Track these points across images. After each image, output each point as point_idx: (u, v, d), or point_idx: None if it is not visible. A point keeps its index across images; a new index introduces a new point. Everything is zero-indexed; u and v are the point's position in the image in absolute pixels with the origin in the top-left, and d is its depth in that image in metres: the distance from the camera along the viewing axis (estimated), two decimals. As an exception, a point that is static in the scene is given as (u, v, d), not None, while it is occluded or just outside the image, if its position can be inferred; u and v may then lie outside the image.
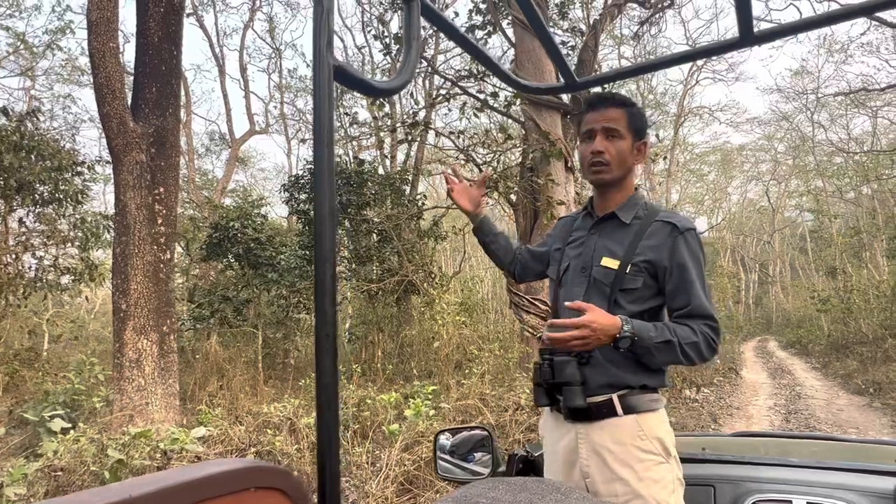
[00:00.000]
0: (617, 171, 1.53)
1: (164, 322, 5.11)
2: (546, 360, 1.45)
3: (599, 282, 1.50)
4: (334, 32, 0.90)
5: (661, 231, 1.48)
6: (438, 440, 1.75)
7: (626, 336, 1.35)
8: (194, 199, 15.26)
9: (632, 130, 1.54)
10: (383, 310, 10.52)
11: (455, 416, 5.20)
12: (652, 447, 1.40)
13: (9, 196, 6.01)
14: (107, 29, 5.06)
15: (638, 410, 1.42)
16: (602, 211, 1.59)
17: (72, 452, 2.94)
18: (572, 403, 1.39)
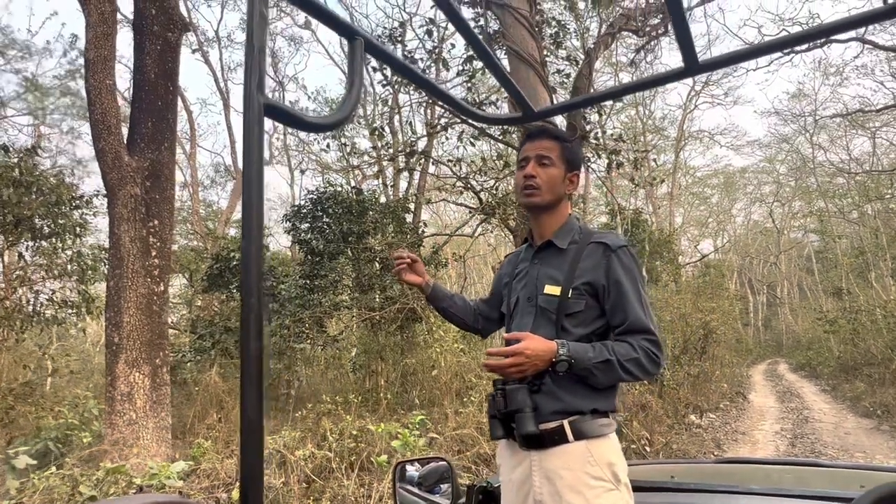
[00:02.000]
0: (547, 195, 1.58)
1: (157, 355, 5.06)
2: (499, 389, 1.45)
3: (545, 309, 1.51)
4: (266, 72, 0.91)
5: (595, 252, 1.52)
6: (401, 471, 1.69)
7: (563, 359, 1.37)
8: (198, 230, 15.36)
9: (564, 161, 1.60)
10: (386, 338, 10.43)
11: (451, 445, 5.09)
12: (601, 474, 1.39)
13: (7, 231, 6.07)
14: (103, 67, 5.16)
15: (588, 436, 1.42)
16: (540, 239, 1.63)
17: (41, 491, 2.88)
18: (524, 430, 1.38)
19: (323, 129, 1.10)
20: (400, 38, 9.96)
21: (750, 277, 36.53)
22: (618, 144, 10.10)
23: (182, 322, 12.81)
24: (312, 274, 10.08)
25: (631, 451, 5.67)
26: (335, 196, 10.37)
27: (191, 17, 17.02)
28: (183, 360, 9.86)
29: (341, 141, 12.01)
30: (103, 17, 5.30)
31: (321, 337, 10.28)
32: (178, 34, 5.59)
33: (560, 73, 9.88)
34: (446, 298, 1.86)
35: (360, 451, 4.89)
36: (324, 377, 11.00)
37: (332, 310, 10.48)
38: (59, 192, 6.20)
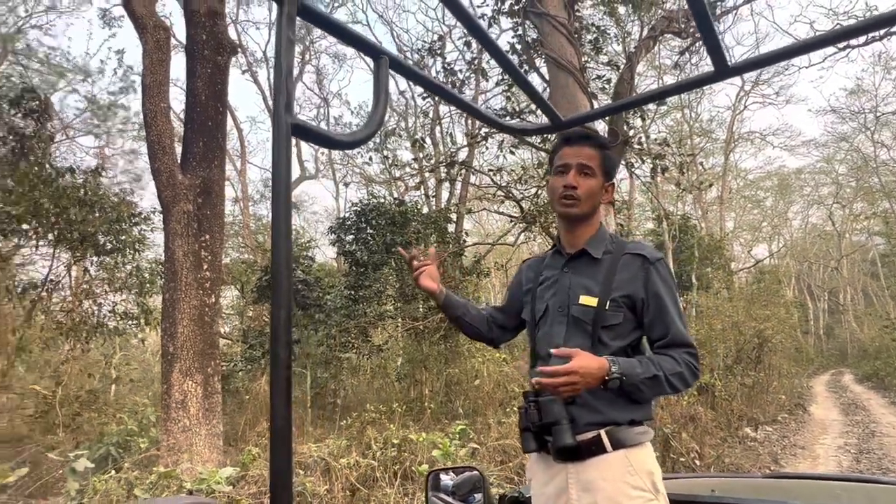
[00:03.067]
0: (586, 206, 1.55)
1: (209, 364, 5.26)
2: (531, 402, 1.42)
3: (580, 320, 1.48)
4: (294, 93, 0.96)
5: (632, 264, 1.49)
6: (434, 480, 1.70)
7: (615, 377, 1.34)
8: (248, 243, 15.90)
9: (603, 171, 1.57)
10: (429, 348, 10.48)
11: (493, 455, 5.05)
12: (641, 483, 1.36)
13: (74, 247, 6.47)
14: (158, 91, 5.45)
15: (626, 445, 1.39)
16: (571, 248, 1.59)
17: (100, 493, 3.05)
18: (561, 443, 1.35)
19: (349, 146, 1.13)
20: (439, 50, 10.08)
21: (809, 283, 34.75)
22: (662, 149, 9.85)
23: (234, 332, 13.25)
24: (357, 284, 10.26)
25: (680, 463, 5.47)
26: (378, 208, 10.54)
27: (240, 39, 17.75)
28: (235, 370, 10.18)
29: (383, 153, 12.21)
30: (158, 44, 5.61)
31: (366, 346, 10.43)
32: (227, 57, 5.85)
33: (600, 78, 9.75)
34: (460, 307, 1.79)
35: (403, 459, 4.92)
36: (369, 386, 11.13)
37: (377, 320, 10.62)
38: (120, 209, 6.58)
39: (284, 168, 0.90)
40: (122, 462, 4.75)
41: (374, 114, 1.11)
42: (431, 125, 14.68)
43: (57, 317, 6.85)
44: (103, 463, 4.98)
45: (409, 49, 15.59)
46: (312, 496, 3.80)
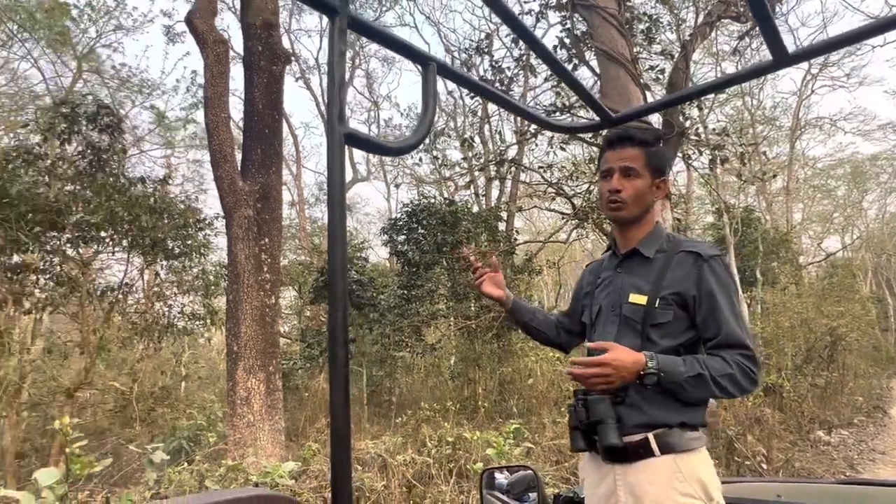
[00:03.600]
0: (633, 208, 1.53)
1: (271, 362, 5.48)
2: (580, 400, 1.42)
3: (630, 319, 1.47)
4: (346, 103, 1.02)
5: (685, 261, 1.45)
6: (489, 478, 1.72)
7: (651, 372, 1.32)
8: (305, 245, 16.40)
9: (650, 169, 1.54)
10: (482, 346, 10.50)
11: (549, 455, 5.01)
12: (691, 490, 1.32)
13: (146, 252, 6.89)
14: (219, 102, 5.73)
15: (676, 450, 1.35)
16: (624, 248, 1.58)
17: (175, 483, 3.26)
18: (607, 441, 1.35)
19: (400, 153, 1.18)
20: (487, 49, 10.06)
21: (888, 277, 32.45)
22: (721, 139, 9.46)
23: (293, 332, 13.71)
24: (410, 284, 10.40)
25: (745, 467, 5.26)
26: (429, 208, 10.65)
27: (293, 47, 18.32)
28: (294, 368, 10.54)
29: (433, 154, 12.31)
30: (218, 57, 5.88)
31: (420, 345, 10.56)
32: (282, 66, 6.07)
33: (653, 69, 9.47)
34: (527, 312, 1.81)
35: (457, 458, 4.96)
36: (423, 384, 11.26)
37: (430, 319, 10.73)
38: (186, 216, 6.96)
39: (339, 175, 0.94)
40: (194, 455, 5.03)
41: (423, 119, 1.14)
42: (480, 124, 14.68)
43: (132, 318, 7.34)
44: (177, 455, 5.29)
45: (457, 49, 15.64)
46: (370, 491, 3.91)
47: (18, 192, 5.80)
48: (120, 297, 7.11)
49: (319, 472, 4.09)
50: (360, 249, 12.22)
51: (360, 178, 19.96)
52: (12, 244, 6.17)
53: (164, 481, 3.26)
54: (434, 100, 1.17)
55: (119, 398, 7.36)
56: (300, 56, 19.16)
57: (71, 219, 6.19)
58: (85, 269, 6.66)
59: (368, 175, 20.41)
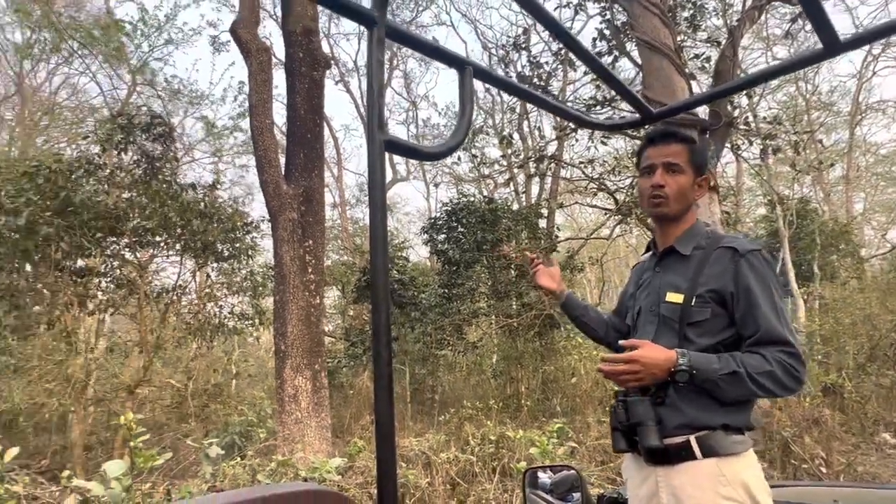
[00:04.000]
0: (676, 205, 1.52)
1: (316, 361, 5.63)
2: (620, 401, 1.41)
3: (668, 318, 1.45)
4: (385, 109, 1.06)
5: (722, 257, 1.43)
6: (532, 478, 1.73)
7: (683, 369, 1.30)
8: (347, 246, 16.71)
9: (692, 166, 1.52)
10: (524, 345, 10.46)
11: (594, 455, 4.96)
12: (735, 495, 1.29)
13: (197, 255, 7.20)
14: (263, 109, 5.91)
15: (719, 453, 1.33)
16: (663, 246, 1.57)
17: (229, 477, 3.41)
18: (647, 443, 1.34)
19: (438, 157, 1.21)
20: (524, 44, 10.00)
21: (962, 269, 30.38)
22: (773, 128, 9.10)
23: (337, 331, 14.00)
24: (450, 283, 10.45)
25: (802, 470, 5.06)
26: (468, 206, 10.67)
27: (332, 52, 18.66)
28: (339, 366, 10.77)
29: (472, 152, 12.32)
30: (261, 65, 6.07)
31: (461, 343, 10.60)
32: (322, 71, 6.21)
33: (698, 57, 9.19)
34: (580, 308, 1.84)
35: (500, 456, 4.97)
36: (466, 383, 11.30)
37: (471, 317, 10.76)
38: (234, 220, 7.24)
39: (379, 181, 0.99)
40: (245, 450, 5.24)
41: (460, 123, 1.17)
42: (519, 120, 14.58)
43: (186, 318, 7.68)
44: (230, 450, 5.52)
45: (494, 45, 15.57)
46: (415, 488, 3.98)
47: (81, 201, 6.17)
48: (174, 299, 7.46)
49: (365, 468, 4.19)
50: (400, 249, 12.36)
51: (400, 178, 20.16)
52: (77, 249, 6.56)
53: (219, 475, 3.42)
54: (471, 103, 1.19)
55: (175, 395, 7.72)
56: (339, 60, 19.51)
57: (128, 224, 6.53)
58: (142, 271, 7.02)
59: (408, 175, 20.61)
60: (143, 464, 2.41)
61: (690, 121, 7.85)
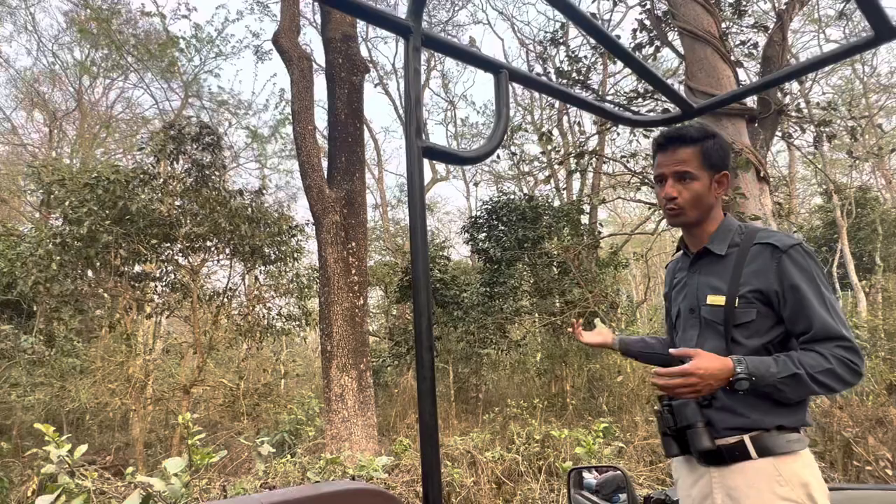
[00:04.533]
0: (692, 212, 1.45)
1: (361, 360, 5.73)
2: (665, 406, 1.38)
3: (711, 321, 1.41)
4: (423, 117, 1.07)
5: (761, 254, 1.36)
6: (577, 477, 1.72)
7: (742, 378, 1.25)
8: (389, 246, 16.91)
9: (707, 167, 1.44)
10: (568, 343, 10.34)
11: (642, 455, 4.87)
12: (793, 495, 1.25)
13: (246, 258, 7.44)
14: (305, 116, 6.06)
15: (775, 452, 1.29)
16: (695, 247, 1.52)
17: (280, 474, 3.53)
18: (699, 446, 1.31)
19: (475, 161, 1.22)
20: (562, 39, 9.87)
21: None
22: (828, 113, 8.68)
23: (381, 330, 14.19)
24: (492, 281, 10.43)
25: (866, 472, 4.81)
26: (508, 204, 10.62)
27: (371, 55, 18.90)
28: (383, 365, 10.92)
29: (511, 149, 12.25)
30: (303, 73, 6.22)
31: (504, 342, 10.57)
32: (361, 76, 6.31)
33: (745, 43, 8.85)
34: (636, 344, 1.83)
35: (546, 455, 4.94)
36: (510, 381, 11.27)
37: (514, 315, 10.71)
38: (280, 224, 7.45)
39: (418, 186, 1.01)
40: (295, 447, 5.39)
41: (497, 126, 1.18)
42: (558, 116, 14.41)
43: (236, 319, 7.96)
44: (280, 448, 5.69)
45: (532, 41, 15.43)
46: (460, 487, 4.00)
47: (137, 209, 6.48)
48: (225, 301, 7.74)
49: (411, 467, 4.24)
50: (441, 248, 12.42)
51: (440, 177, 20.23)
52: (134, 255, 6.89)
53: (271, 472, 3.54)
54: (507, 108, 1.20)
55: (227, 394, 8.01)
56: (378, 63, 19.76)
57: (181, 231, 6.82)
58: (194, 275, 7.31)
59: (448, 174, 20.66)
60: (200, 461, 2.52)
61: (737, 110, 7.57)
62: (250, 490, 3.05)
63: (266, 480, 3.38)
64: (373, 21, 0.99)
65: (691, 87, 7.19)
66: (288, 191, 17.90)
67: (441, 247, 12.54)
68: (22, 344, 7.32)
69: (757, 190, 7.33)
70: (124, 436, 8.41)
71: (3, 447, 6.52)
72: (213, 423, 8.27)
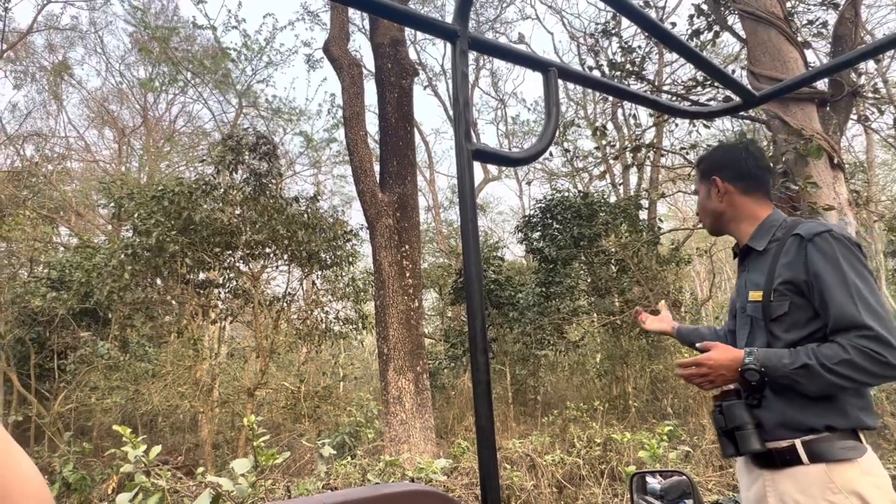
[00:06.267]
0: (707, 220, 1.62)
1: (417, 363, 5.80)
2: (717, 406, 1.39)
3: (755, 317, 1.43)
4: (472, 121, 1.06)
5: (792, 245, 1.37)
6: (640, 482, 1.69)
7: (750, 368, 1.29)
8: (442, 248, 17.01)
9: (701, 179, 1.60)
10: (629, 343, 10.08)
11: (711, 460, 4.69)
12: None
13: (303, 264, 7.69)
14: (357, 122, 6.20)
15: (828, 459, 1.25)
16: (739, 247, 1.59)
17: (341, 475, 3.62)
18: (747, 447, 1.31)
19: (526, 162, 1.23)
20: (614, 30, 9.64)
21: None
22: (911, 91, 8.08)
23: (436, 332, 14.30)
24: (548, 281, 10.31)
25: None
26: (563, 202, 10.47)
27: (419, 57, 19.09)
28: (440, 367, 10.99)
29: (563, 146, 12.07)
30: (353, 79, 6.37)
31: (562, 343, 10.42)
32: (410, 80, 6.40)
33: (813, 23, 8.37)
34: (693, 334, 1.89)
35: (608, 459, 4.84)
36: (569, 383, 11.10)
37: (571, 315, 10.54)
38: (335, 229, 7.65)
39: (469, 190, 1.02)
40: (355, 449, 5.51)
41: (547, 125, 1.18)
42: (612, 109, 14.07)
43: (295, 324, 8.24)
44: (340, 450, 5.84)
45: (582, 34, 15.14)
46: (520, 490, 3.98)
47: (200, 219, 6.82)
48: (284, 306, 8.02)
49: (470, 469, 4.26)
50: (495, 249, 12.38)
51: (492, 177, 20.18)
52: (198, 264, 7.26)
53: (332, 473, 3.65)
54: (557, 106, 1.20)
55: (289, 396, 8.29)
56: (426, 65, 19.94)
57: (241, 238, 7.13)
58: (255, 281, 7.62)
59: (500, 174, 20.58)
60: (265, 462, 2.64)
61: (806, 94, 7.17)
62: (313, 491, 3.15)
63: (328, 481, 3.48)
64: (419, 27, 1.01)
65: (755, 73, 6.88)
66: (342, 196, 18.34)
67: (495, 247, 12.51)
68: (99, 350, 7.85)
69: (830, 178, 6.90)
70: (194, 437, 8.86)
71: (85, 448, 7.01)
72: (275, 424, 8.58)
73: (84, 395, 7.86)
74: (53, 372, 8.54)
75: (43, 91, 16.26)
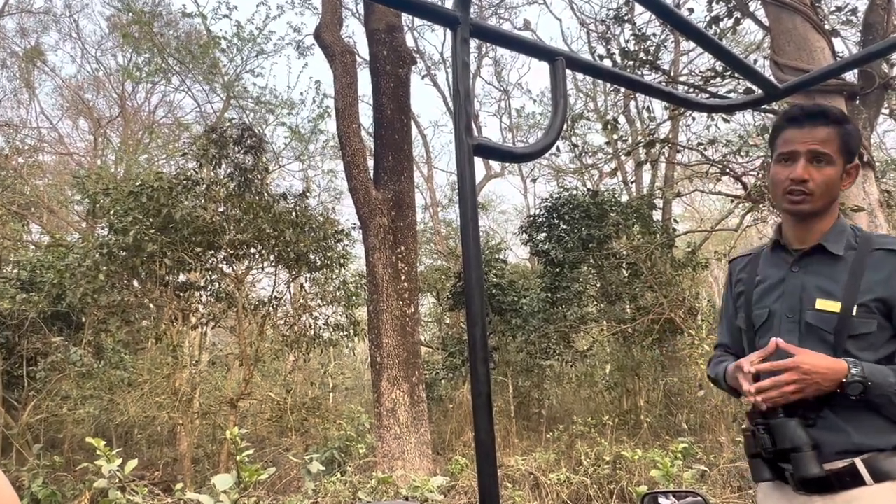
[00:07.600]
0: (820, 201, 1.40)
1: (413, 373, 5.80)
2: (760, 424, 1.33)
3: (817, 328, 1.36)
4: (474, 114, 1.07)
5: (886, 261, 1.32)
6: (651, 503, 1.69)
7: (856, 380, 1.21)
8: (441, 249, 17.02)
9: (843, 153, 1.39)
10: (641, 353, 10.08)
11: (728, 479, 4.69)
12: None
13: (290, 266, 7.70)
14: (349, 113, 6.21)
15: (894, 477, 1.22)
16: (801, 243, 1.45)
17: (330, 493, 3.63)
18: (806, 473, 1.24)
19: (531, 158, 1.23)
20: (627, 16, 9.66)
21: None
22: (950, 85, 8.11)
23: (434, 340, 14.29)
24: (554, 286, 10.30)
25: None
26: (571, 201, 10.47)
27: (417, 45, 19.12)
28: (437, 378, 10.98)
29: (571, 141, 12.08)
30: (346, 68, 6.38)
31: (569, 352, 10.41)
32: (408, 68, 6.41)
33: (841, 10, 8.39)
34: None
35: (618, 478, 4.84)
36: (576, 395, 11.09)
37: (579, 323, 10.54)
38: (325, 228, 7.66)
39: (469, 187, 1.02)
40: (345, 465, 5.51)
41: (553, 119, 1.18)
42: (625, 101, 14.10)
43: (282, 330, 8.24)
44: (329, 465, 5.84)
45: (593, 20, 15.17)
46: (522, 510, 3.97)
47: (181, 217, 6.82)
48: (270, 311, 8.02)
49: (469, 488, 4.26)
50: (497, 251, 12.38)
51: (494, 174, 20.20)
52: (178, 264, 7.26)
53: (320, 491, 3.65)
54: (564, 97, 1.20)
55: (275, 408, 8.29)
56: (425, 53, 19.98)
57: (225, 238, 7.13)
58: (239, 284, 7.62)
59: (503, 170, 20.60)
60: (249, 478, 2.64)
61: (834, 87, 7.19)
62: (299, 509, 3.16)
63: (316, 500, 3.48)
64: (417, 13, 1.01)
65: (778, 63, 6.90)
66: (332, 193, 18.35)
67: (497, 249, 12.51)
68: (71, 356, 7.83)
69: (861, 177, 6.93)
70: (172, 450, 8.84)
71: (55, 461, 7.00)
72: (260, 438, 8.58)
73: (55, 405, 7.85)
74: (22, 380, 8.53)
75: (14, 78, 16.28)
